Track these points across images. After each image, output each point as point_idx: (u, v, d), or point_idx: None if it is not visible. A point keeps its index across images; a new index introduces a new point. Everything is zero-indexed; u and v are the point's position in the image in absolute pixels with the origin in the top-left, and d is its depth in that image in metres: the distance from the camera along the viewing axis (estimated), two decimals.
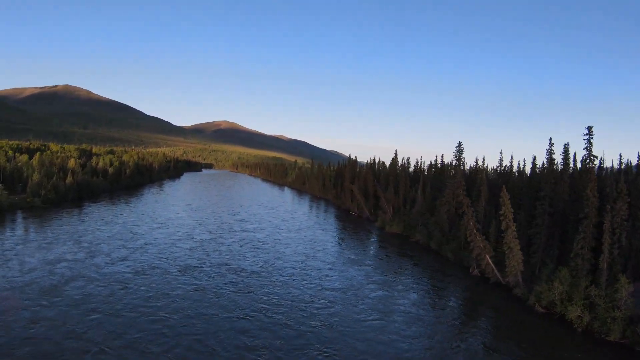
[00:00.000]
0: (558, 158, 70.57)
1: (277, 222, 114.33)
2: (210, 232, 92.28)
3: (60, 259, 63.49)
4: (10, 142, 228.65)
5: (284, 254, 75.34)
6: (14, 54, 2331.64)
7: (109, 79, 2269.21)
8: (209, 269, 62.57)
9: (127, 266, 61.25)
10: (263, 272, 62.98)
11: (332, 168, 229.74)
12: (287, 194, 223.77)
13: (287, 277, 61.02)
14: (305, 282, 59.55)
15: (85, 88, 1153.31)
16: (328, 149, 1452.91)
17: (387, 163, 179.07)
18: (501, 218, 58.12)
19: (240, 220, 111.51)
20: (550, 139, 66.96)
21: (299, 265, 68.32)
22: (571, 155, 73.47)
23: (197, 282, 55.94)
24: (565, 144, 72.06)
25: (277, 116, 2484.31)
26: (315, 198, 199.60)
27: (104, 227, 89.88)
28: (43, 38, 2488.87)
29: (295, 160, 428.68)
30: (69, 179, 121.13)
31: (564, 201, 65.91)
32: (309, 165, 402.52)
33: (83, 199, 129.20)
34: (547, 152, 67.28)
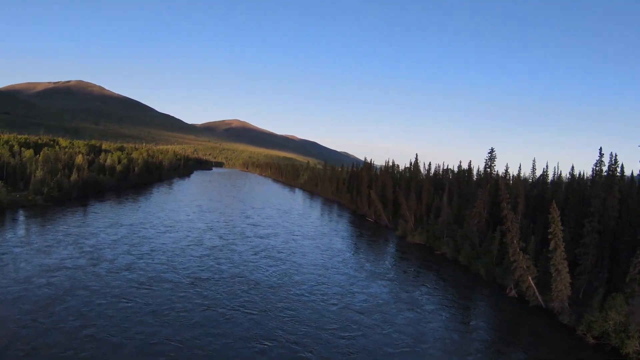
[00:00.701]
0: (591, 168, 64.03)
1: (291, 227, 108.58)
2: (221, 237, 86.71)
3: (59, 265, 58.23)
4: (19, 137, 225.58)
5: (301, 266, 69.47)
6: (28, 49, 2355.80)
7: (122, 76, 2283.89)
8: (220, 282, 56.82)
9: (131, 277, 55.68)
10: (279, 287, 57.10)
11: (346, 170, 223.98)
12: (299, 196, 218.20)
13: (306, 294, 55.09)
14: (326, 300, 53.58)
15: (98, 84, 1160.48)
16: (338, 149, 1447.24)
17: (400, 166, 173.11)
18: (550, 237, 51.79)
19: (253, 225, 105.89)
20: (600, 149, 60.26)
21: (318, 280, 62.38)
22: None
23: (207, 298, 50.17)
24: (612, 155, 64.95)
25: (288, 116, 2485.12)
26: (328, 201, 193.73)
27: (109, 229, 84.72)
28: (57, 34, 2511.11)
29: (308, 162, 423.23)
30: (73, 176, 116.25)
31: (614, 218, 59.34)
32: (320, 166, 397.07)
33: (88, 197, 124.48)
34: (596, 164, 60.58)
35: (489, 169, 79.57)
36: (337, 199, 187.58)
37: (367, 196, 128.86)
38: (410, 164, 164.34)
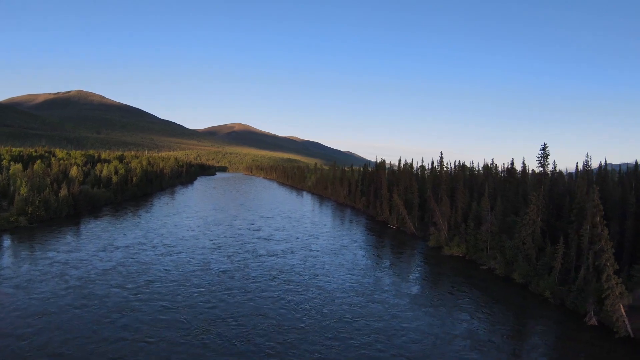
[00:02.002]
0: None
1: (307, 239, 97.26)
2: (230, 258, 75.49)
3: (39, 310, 47.58)
4: (14, 149, 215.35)
5: (329, 294, 57.99)
6: (27, 61, 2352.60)
7: (121, 84, 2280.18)
8: (235, 326, 45.45)
9: (124, 325, 44.38)
10: (309, 328, 45.67)
11: (357, 171, 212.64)
12: (308, 201, 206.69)
13: (345, 337, 43.65)
14: (372, 346, 42.16)
15: (98, 93, 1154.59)
16: (342, 149, 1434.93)
17: (409, 165, 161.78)
18: None
19: (265, 239, 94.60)
20: None
21: (354, 313, 50.92)
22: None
23: (220, 355, 38.84)
24: None
25: (290, 117, 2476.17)
26: (340, 205, 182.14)
27: (102, 254, 73.71)
28: (56, 45, 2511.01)
29: (315, 163, 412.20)
30: (63, 192, 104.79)
31: None
32: (326, 167, 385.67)
33: (81, 214, 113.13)
34: None
35: (542, 168, 67.89)
36: (350, 203, 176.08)
37: (388, 200, 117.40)
38: (432, 162, 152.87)
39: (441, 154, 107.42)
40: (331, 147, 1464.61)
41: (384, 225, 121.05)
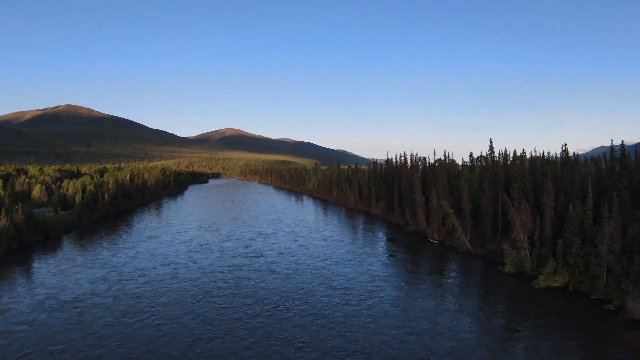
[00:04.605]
0: None
1: (324, 267, 72.50)
2: (221, 315, 50.68)
3: None
4: None
5: None
6: (14, 78, 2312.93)
7: (110, 96, 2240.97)
8: None
9: None
10: None
11: (368, 169, 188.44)
12: (311, 208, 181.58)
13: None
14: None
15: (86, 106, 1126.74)
16: (335, 148, 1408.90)
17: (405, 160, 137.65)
18: None
19: (269, 272, 69.76)
20: None
21: None
22: None
23: None
24: None
25: (282, 119, 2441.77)
26: (350, 211, 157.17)
27: (36, 319, 48.97)
28: (42, 60, 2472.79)
29: (316, 164, 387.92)
30: (1, 222, 79.10)
31: None
32: (324, 167, 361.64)
33: (29, 248, 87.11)
34: None
35: None
36: (363, 208, 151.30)
37: (424, 206, 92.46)
38: (446, 156, 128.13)
39: (490, 141, 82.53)
40: (324, 146, 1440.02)
41: (417, 238, 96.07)
